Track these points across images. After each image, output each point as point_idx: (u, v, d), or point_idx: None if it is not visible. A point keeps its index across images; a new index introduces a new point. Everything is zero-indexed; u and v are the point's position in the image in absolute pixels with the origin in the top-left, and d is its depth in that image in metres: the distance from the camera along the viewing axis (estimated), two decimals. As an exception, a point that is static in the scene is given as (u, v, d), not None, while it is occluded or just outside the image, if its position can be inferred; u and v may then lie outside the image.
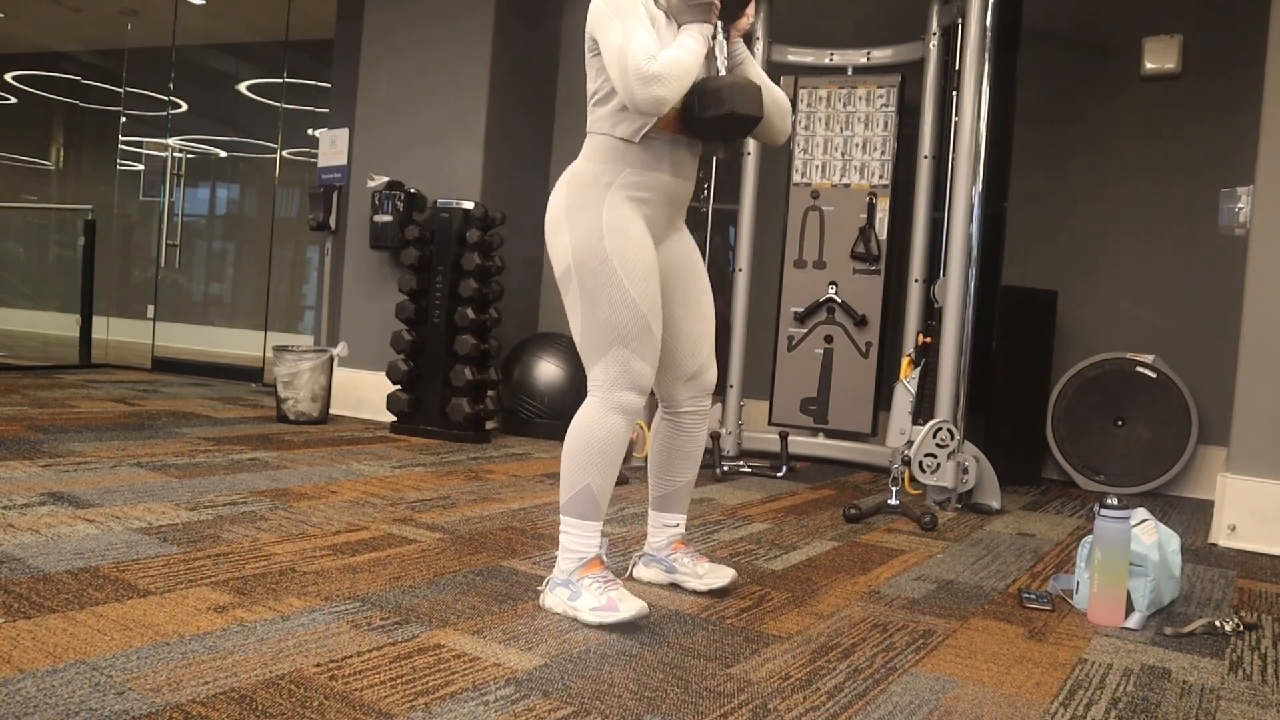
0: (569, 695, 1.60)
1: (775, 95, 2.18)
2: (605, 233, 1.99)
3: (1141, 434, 4.22)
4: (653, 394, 2.16)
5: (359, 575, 2.20)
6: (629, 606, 1.94)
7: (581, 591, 1.98)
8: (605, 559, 2.05)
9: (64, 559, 2.13)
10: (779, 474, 4.07)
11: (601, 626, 1.93)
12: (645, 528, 2.72)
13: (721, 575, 2.22)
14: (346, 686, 1.57)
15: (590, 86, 2.08)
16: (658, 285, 2.04)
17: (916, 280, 4.27)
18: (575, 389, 4.64)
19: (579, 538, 2.02)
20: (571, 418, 2.05)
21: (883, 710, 1.64)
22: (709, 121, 2.02)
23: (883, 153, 4.40)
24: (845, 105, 4.46)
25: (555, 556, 2.48)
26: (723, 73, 2.12)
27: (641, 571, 2.31)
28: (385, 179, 4.36)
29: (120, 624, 1.76)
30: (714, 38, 2.08)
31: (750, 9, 2.12)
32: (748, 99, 2.01)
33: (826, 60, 4.53)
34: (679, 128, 2.06)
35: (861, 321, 4.39)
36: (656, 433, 2.25)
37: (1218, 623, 2.20)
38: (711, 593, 2.23)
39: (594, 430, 2.00)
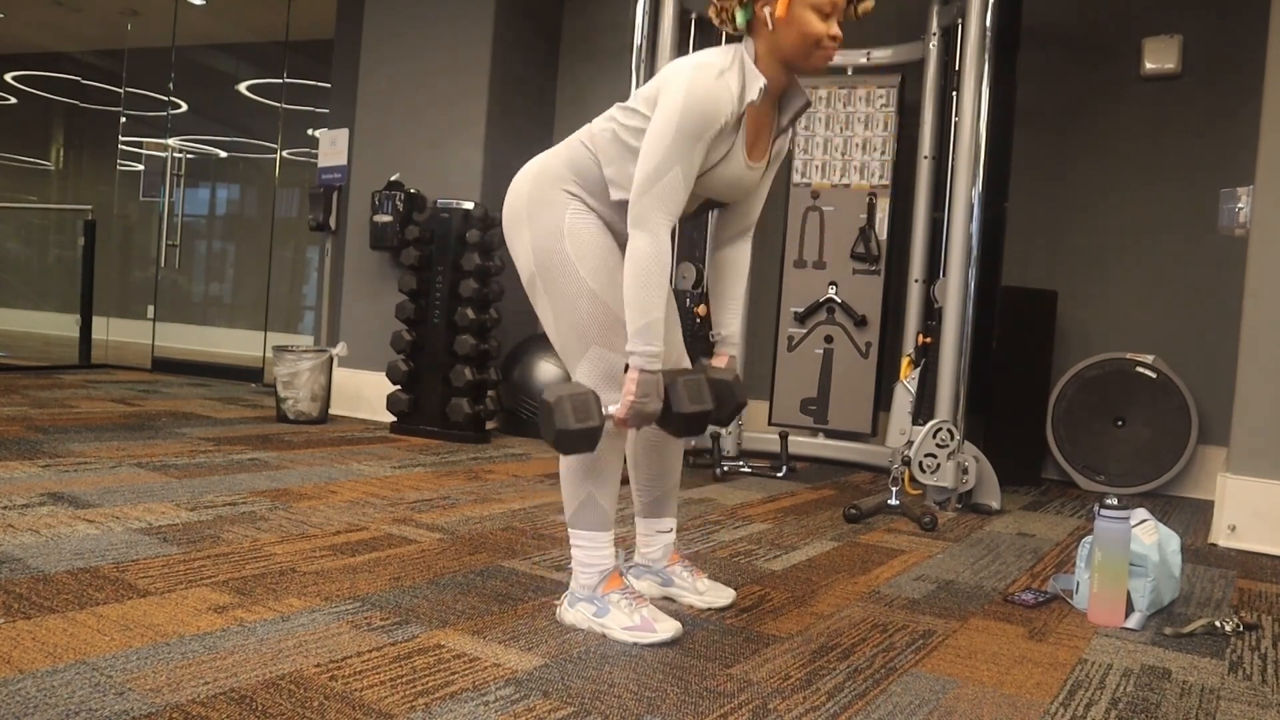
0: (569, 695, 1.60)
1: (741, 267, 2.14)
2: (566, 234, 1.89)
3: (1141, 434, 4.22)
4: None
5: (359, 575, 2.20)
6: (666, 627, 1.90)
7: (609, 608, 1.92)
8: (623, 570, 2.00)
9: (64, 559, 2.13)
10: (779, 474, 4.07)
11: (636, 646, 1.87)
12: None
13: (722, 595, 2.17)
14: (346, 687, 1.57)
15: (628, 124, 1.90)
16: (621, 279, 1.90)
17: (916, 280, 4.27)
18: (575, 389, 4.63)
19: (592, 550, 1.95)
20: None
21: (883, 710, 1.64)
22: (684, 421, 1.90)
23: (883, 153, 4.40)
24: (845, 105, 4.46)
25: (555, 556, 2.49)
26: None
27: (632, 584, 2.20)
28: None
29: (120, 624, 1.76)
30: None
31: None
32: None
33: (826, 60, 4.53)
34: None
35: (861, 322, 4.39)
36: (642, 433, 2.14)
37: (1218, 623, 2.20)
38: (710, 609, 2.18)
39: None
